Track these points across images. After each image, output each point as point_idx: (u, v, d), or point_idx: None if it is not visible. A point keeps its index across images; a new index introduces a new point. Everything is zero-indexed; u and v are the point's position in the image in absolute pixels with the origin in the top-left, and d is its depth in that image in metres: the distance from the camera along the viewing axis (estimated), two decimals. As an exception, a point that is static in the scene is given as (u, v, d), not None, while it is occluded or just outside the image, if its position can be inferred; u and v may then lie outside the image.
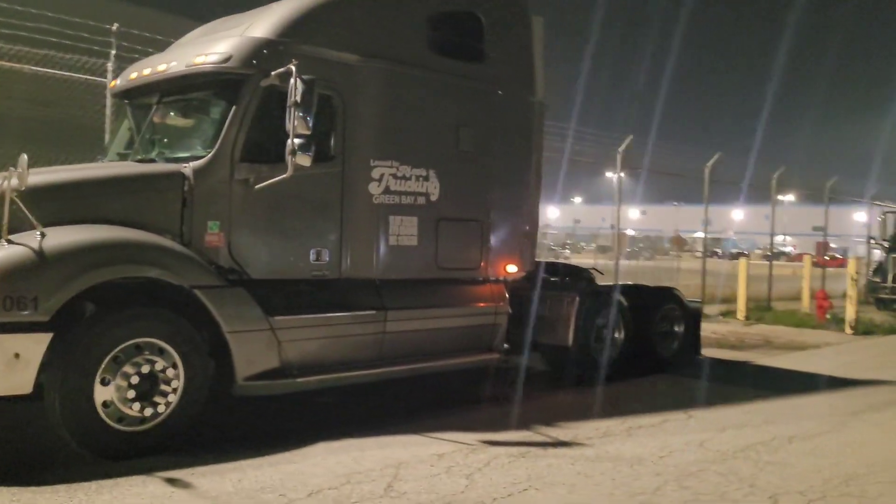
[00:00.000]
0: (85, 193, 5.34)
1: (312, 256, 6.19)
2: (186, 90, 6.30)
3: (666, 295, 9.78)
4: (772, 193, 20.44)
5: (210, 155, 5.67)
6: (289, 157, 5.49)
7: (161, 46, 7.42)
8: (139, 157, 6.19)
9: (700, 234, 20.93)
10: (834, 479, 5.20)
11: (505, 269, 7.64)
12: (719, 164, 17.46)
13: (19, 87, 8.31)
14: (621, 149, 15.15)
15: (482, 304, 7.42)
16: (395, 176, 6.60)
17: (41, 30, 7.19)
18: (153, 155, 6.12)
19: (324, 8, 6.34)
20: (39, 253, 4.69)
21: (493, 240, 7.47)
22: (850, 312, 14.65)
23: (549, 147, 12.01)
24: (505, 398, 7.49)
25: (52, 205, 5.06)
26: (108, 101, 7.85)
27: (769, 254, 22.81)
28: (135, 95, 6.69)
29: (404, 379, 7.43)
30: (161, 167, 5.80)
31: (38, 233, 4.76)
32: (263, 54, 5.83)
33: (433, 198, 6.92)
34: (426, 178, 6.85)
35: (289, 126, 5.48)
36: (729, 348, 12.16)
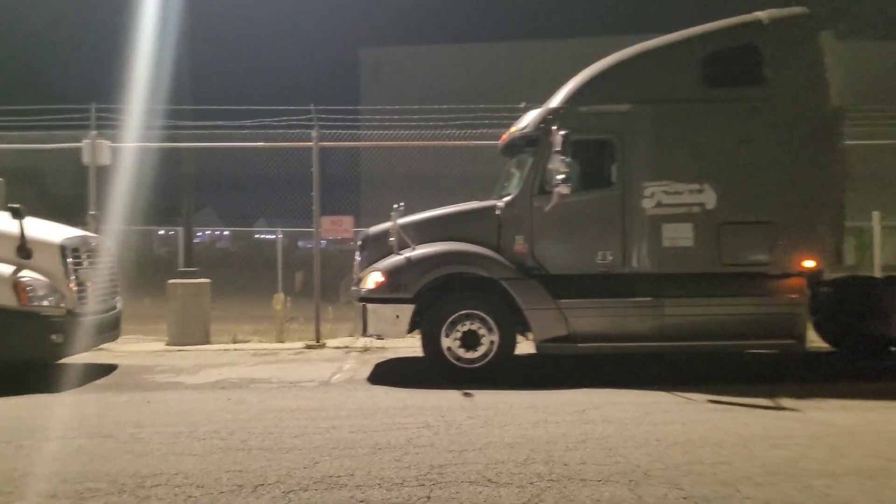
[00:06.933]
0: (436, 224, 8.81)
1: (599, 257, 8.44)
2: (515, 148, 9.31)
3: None
4: None
5: (515, 193, 8.58)
6: (554, 190, 8.01)
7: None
8: (496, 196, 9.35)
9: None
10: None
11: (801, 264, 8.39)
12: None
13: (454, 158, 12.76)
14: None
15: (773, 295, 8.35)
16: (666, 192, 8.35)
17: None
18: (502, 194, 9.21)
19: (599, 76, 8.61)
20: (409, 260, 8.31)
21: (784, 239, 8.34)
22: None
23: None
24: (795, 378, 8.28)
25: (420, 233, 8.66)
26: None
27: None
28: (503, 150, 9.91)
29: (704, 354, 8.99)
30: (484, 204, 8.89)
31: (412, 249, 8.40)
32: (549, 119, 8.45)
33: (709, 206, 8.35)
34: (700, 191, 8.35)
35: (554, 166, 7.99)
36: None
